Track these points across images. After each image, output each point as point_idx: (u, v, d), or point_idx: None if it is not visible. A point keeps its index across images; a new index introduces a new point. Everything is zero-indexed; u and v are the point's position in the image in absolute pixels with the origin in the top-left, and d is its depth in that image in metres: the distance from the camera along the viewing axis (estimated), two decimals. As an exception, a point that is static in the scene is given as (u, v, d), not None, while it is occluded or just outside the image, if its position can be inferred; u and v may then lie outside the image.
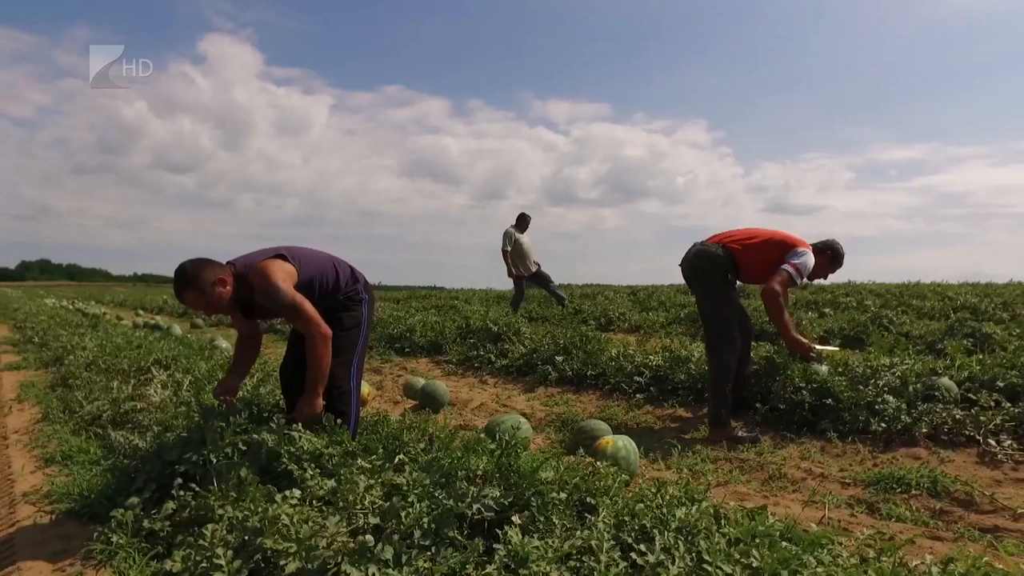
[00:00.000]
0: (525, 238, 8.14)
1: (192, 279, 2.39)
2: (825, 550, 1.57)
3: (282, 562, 1.60)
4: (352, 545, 1.64)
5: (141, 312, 16.43)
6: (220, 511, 1.94)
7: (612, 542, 1.58)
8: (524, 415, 4.15)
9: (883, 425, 3.26)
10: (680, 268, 3.89)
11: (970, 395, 3.48)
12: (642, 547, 1.55)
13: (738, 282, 3.93)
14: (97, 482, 2.69)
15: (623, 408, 4.22)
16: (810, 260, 3.64)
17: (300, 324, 2.50)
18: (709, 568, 1.37)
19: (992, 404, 3.31)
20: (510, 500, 1.86)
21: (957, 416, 3.19)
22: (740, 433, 3.48)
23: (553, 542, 1.67)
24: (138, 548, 2.00)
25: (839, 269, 3.87)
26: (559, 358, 5.18)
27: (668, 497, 1.89)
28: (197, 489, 2.09)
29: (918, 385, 3.52)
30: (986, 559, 1.56)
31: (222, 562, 1.65)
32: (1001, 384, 3.48)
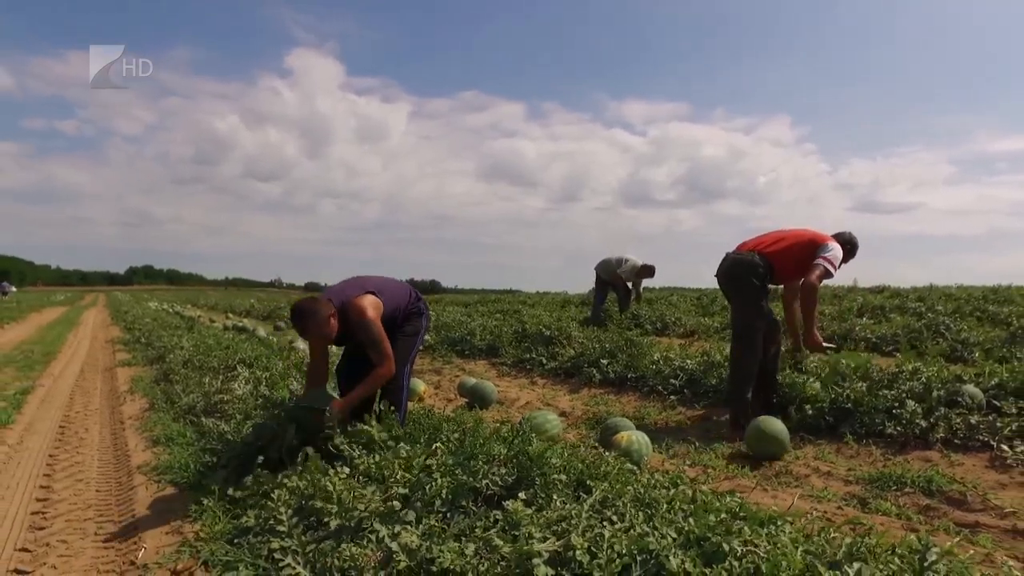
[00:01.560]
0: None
1: (312, 315, 2.84)
2: (773, 526, 1.84)
3: (326, 519, 2.03)
4: (382, 509, 2.05)
5: (231, 315, 17.80)
6: (287, 482, 2.41)
7: (590, 512, 1.91)
8: (564, 413, 4.50)
9: (898, 429, 3.39)
10: (716, 278, 4.13)
11: (995, 402, 3.53)
12: (612, 516, 1.87)
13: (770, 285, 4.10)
14: (193, 460, 3.25)
15: (657, 408, 4.48)
16: (839, 252, 3.83)
17: (374, 355, 2.92)
18: (655, 531, 1.68)
19: (1014, 411, 3.37)
20: (515, 478, 2.22)
21: (972, 421, 3.28)
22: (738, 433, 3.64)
23: (547, 513, 2.01)
24: (223, 509, 2.50)
25: (852, 259, 4.09)
26: (604, 361, 5.48)
27: (653, 481, 2.20)
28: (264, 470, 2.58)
29: (941, 391, 3.60)
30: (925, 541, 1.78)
31: (283, 518, 2.10)
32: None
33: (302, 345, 7.62)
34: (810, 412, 3.75)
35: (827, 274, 3.77)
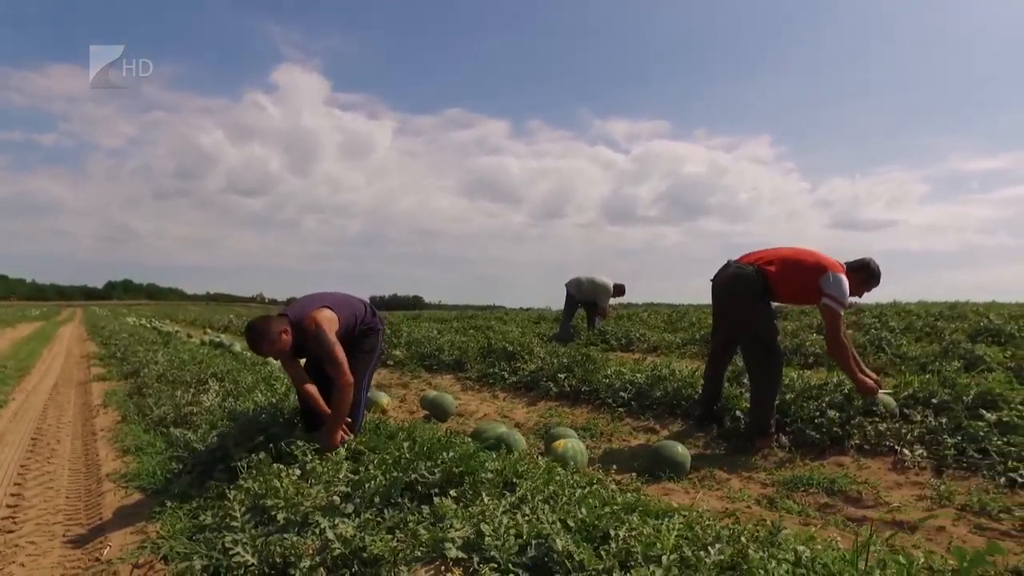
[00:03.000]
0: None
1: (263, 333, 3.01)
2: (664, 518, 2.10)
3: (274, 514, 2.27)
4: (325, 504, 2.29)
5: (209, 330, 17.83)
6: (242, 483, 2.64)
7: (507, 507, 2.17)
8: (518, 424, 4.76)
9: (819, 435, 3.69)
10: (712, 283, 4.11)
11: (906, 410, 3.85)
12: (526, 509, 2.13)
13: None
14: (160, 467, 3.45)
15: (606, 420, 4.74)
16: (843, 283, 3.73)
17: (330, 368, 3.11)
18: (552, 520, 1.94)
19: (918, 419, 3.69)
20: (447, 477, 2.47)
21: (881, 428, 3.60)
22: (776, 442, 3.78)
23: (472, 508, 2.26)
24: (184, 511, 2.72)
25: (876, 286, 3.99)
26: (561, 375, 5.75)
27: (572, 481, 2.47)
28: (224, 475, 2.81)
29: (859, 401, 3.92)
30: (810, 532, 2.05)
31: (237, 515, 2.34)
32: (935, 401, 3.84)
33: (276, 361, 7.81)
34: (743, 421, 4.04)
35: (836, 316, 3.72)
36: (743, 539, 1.75)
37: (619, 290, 8.72)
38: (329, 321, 3.15)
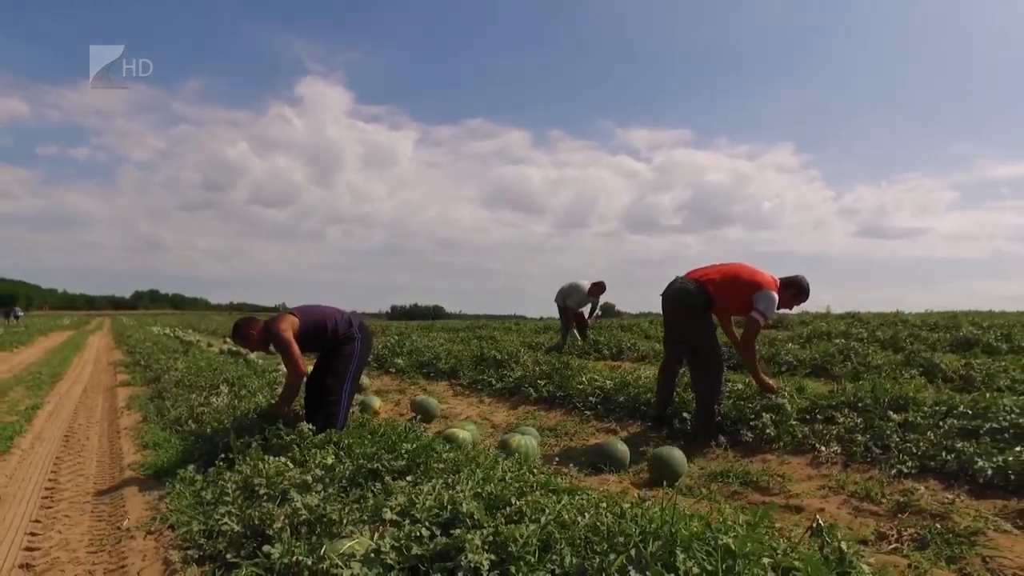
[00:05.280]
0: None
1: (238, 330, 3.93)
2: (576, 495, 2.59)
3: (258, 490, 2.80)
4: (299, 482, 2.82)
5: (228, 340, 18.58)
6: (238, 467, 3.18)
7: (443, 485, 2.67)
8: (495, 426, 5.27)
9: (751, 436, 4.14)
10: (661, 298, 4.56)
11: (834, 413, 4.28)
12: (457, 487, 2.63)
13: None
14: (173, 458, 4.02)
15: (575, 422, 5.22)
16: (773, 300, 4.23)
17: (285, 360, 3.89)
18: (466, 492, 2.44)
19: (842, 419, 4.11)
20: (405, 463, 2.99)
21: (806, 430, 4.03)
22: (715, 442, 4.19)
23: (421, 486, 2.77)
24: (190, 491, 3.28)
25: (805, 301, 4.47)
26: (541, 382, 6.24)
27: (504, 466, 2.97)
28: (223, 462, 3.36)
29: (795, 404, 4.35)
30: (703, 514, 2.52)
31: (229, 492, 2.88)
32: (860, 404, 4.27)
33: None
34: (688, 422, 4.50)
35: (757, 327, 4.25)
36: (602, 507, 2.24)
37: (597, 289, 9.06)
38: (288, 322, 3.85)
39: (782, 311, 4.48)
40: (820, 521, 2.02)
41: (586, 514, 2.23)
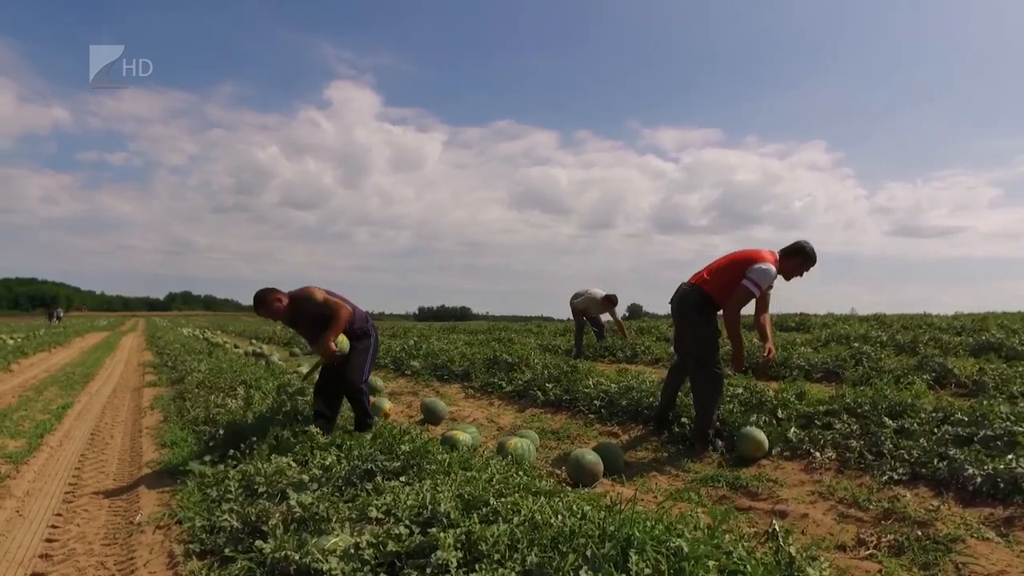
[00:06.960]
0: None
1: (262, 299, 4.04)
2: (555, 497, 2.68)
3: (257, 487, 2.96)
4: (296, 481, 2.97)
5: (254, 341, 19.03)
6: (241, 466, 3.35)
7: (428, 486, 2.79)
8: (501, 428, 5.38)
9: (748, 441, 4.18)
10: (669, 304, 4.57)
11: (831, 419, 4.29)
12: (441, 487, 2.75)
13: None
14: (187, 457, 4.22)
15: (579, 425, 5.30)
16: (766, 270, 4.09)
17: (330, 311, 4.01)
18: (446, 493, 2.56)
19: (839, 425, 4.13)
20: (401, 464, 3.12)
21: (802, 435, 4.06)
22: (712, 447, 4.24)
23: (413, 486, 2.90)
24: (199, 488, 3.45)
25: (813, 266, 4.26)
26: (549, 385, 6.33)
27: (494, 467, 3.08)
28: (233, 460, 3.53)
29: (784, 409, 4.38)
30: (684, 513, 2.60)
31: (232, 490, 3.04)
32: (859, 410, 4.28)
33: (303, 369, 8.65)
34: (688, 426, 4.55)
35: (747, 295, 4.07)
36: (574, 508, 2.33)
37: (610, 301, 9.20)
38: (320, 290, 4.05)
39: (793, 278, 4.32)
40: (776, 526, 2.08)
41: (559, 515, 2.33)
